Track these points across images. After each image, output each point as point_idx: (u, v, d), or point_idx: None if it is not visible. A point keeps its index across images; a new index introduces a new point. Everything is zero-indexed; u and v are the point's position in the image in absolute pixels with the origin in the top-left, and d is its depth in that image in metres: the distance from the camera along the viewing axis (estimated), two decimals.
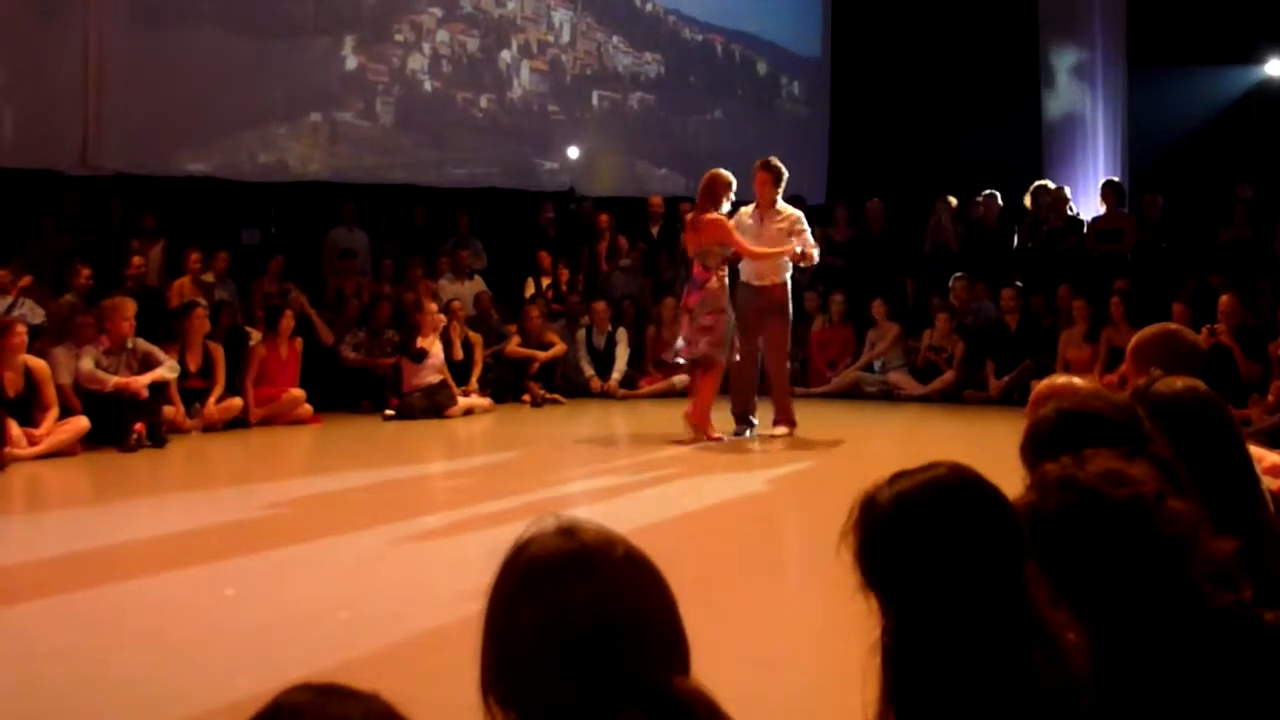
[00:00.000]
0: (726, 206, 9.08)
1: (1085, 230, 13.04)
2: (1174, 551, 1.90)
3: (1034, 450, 2.44)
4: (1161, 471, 2.00)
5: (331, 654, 4.28)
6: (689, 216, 9.41)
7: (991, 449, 3.10)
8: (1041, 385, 3.11)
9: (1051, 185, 13.50)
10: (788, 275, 9.37)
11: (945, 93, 15.20)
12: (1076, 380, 3.01)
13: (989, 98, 15.04)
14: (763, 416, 9.56)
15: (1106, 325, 11.25)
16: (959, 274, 12.74)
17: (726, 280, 9.11)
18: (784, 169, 9.39)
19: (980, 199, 13.37)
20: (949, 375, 12.16)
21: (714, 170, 9.22)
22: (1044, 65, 15.61)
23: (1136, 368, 3.65)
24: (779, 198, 9.35)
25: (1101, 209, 13.16)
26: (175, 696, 3.91)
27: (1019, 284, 12.31)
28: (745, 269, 9.39)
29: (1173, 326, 3.90)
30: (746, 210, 9.39)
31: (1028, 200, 13.29)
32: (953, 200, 13.55)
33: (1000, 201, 13.29)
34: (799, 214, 9.42)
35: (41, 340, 9.53)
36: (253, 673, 4.05)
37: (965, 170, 14.10)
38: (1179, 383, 2.75)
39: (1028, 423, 3.04)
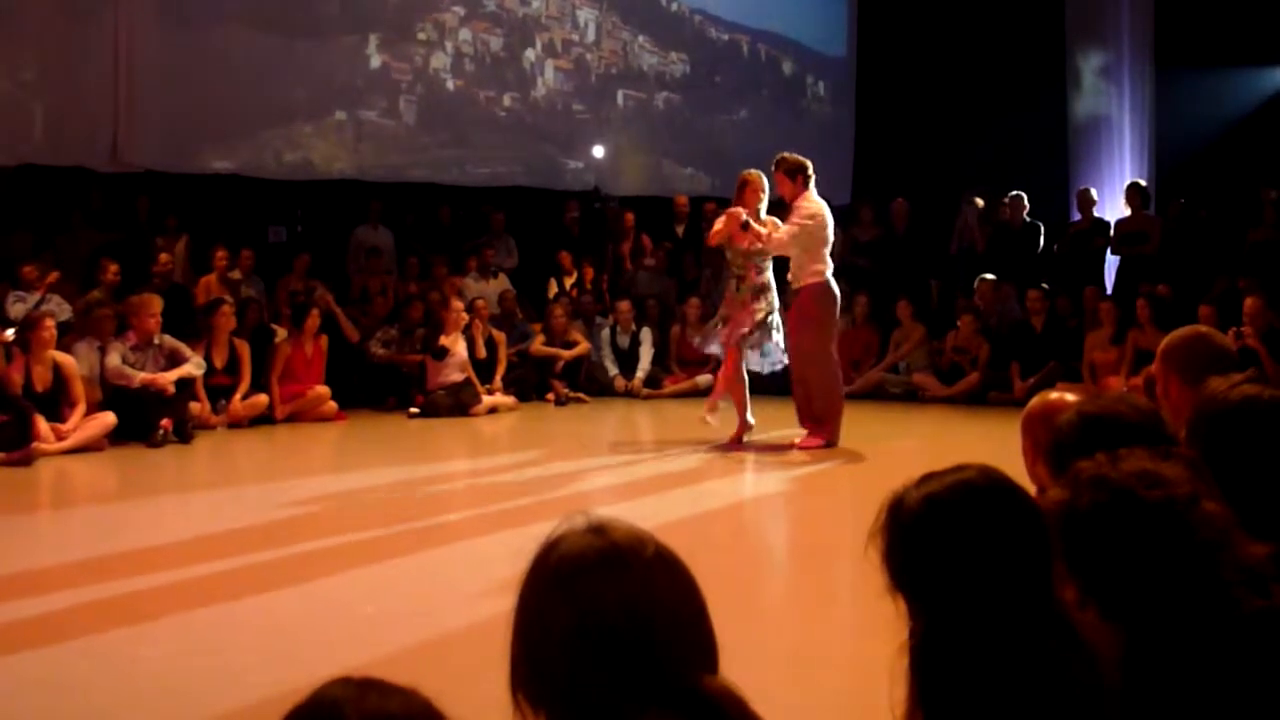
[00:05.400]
0: (763, 206, 8.96)
1: (1111, 232, 12.99)
2: (1206, 554, 1.89)
3: (1058, 454, 2.44)
4: (1195, 473, 1.99)
5: (357, 650, 4.29)
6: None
7: (1017, 451, 3.08)
8: (1034, 403, 3.11)
9: (1024, 196, 13.29)
10: (817, 278, 8.80)
11: (971, 93, 15.13)
12: (1068, 396, 3.01)
13: (1015, 99, 14.96)
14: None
15: (1133, 327, 11.19)
16: (984, 275, 12.70)
17: (768, 278, 8.92)
18: (794, 161, 8.91)
19: (1006, 200, 13.32)
20: (974, 377, 12.10)
21: (743, 172, 9.15)
22: (1070, 66, 15.51)
23: (1165, 370, 3.64)
24: (807, 192, 8.85)
25: (1126, 211, 13.11)
26: (201, 692, 3.93)
27: (1045, 285, 12.25)
28: None
29: (1203, 329, 3.88)
30: None
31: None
32: (979, 201, 13.51)
33: (1026, 203, 13.24)
34: (807, 207, 8.81)
35: (68, 336, 9.60)
36: (278, 669, 4.07)
37: (991, 171, 14.05)
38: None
39: (1024, 440, 3.04)
